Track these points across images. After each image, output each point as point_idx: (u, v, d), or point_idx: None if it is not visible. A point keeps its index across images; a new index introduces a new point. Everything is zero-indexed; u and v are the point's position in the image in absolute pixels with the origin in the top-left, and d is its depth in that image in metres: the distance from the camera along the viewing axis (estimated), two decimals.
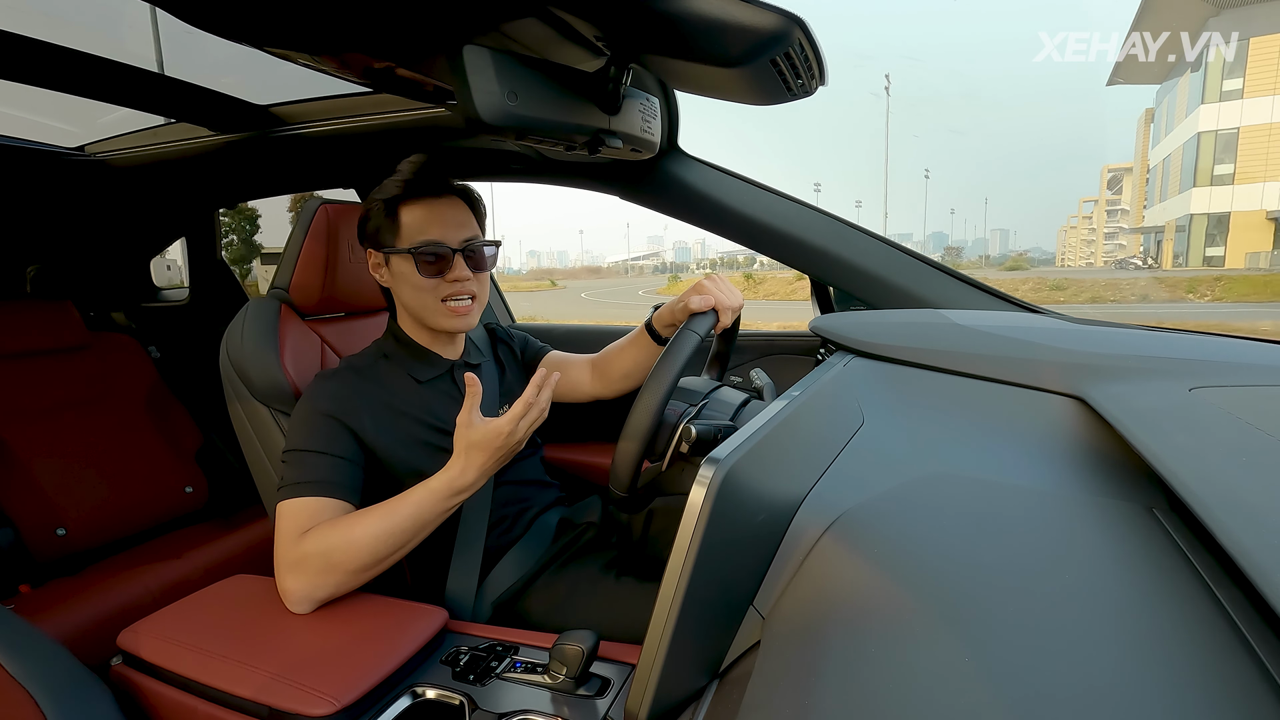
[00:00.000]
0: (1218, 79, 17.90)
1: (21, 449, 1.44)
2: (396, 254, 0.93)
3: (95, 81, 1.20)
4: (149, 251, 2.24)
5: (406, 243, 0.93)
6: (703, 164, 1.28)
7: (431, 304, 0.94)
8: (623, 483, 0.72)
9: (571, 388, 1.18)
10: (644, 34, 0.72)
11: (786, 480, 0.60)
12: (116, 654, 0.78)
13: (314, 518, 0.80)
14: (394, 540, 0.79)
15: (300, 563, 0.78)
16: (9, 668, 0.69)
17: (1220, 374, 0.75)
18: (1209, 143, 18.43)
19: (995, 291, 1.19)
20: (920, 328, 0.98)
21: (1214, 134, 18.38)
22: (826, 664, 0.42)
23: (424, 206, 0.94)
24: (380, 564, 0.79)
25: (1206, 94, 18.09)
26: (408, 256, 0.92)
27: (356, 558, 0.77)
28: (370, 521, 0.78)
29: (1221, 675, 0.35)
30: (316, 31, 0.72)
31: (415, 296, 0.94)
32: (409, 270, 0.93)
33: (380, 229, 0.94)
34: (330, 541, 0.77)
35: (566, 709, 0.63)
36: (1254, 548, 0.37)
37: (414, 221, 0.93)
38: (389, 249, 0.94)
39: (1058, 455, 0.70)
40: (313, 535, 0.78)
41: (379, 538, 0.78)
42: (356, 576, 0.79)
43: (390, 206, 0.94)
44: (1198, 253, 19.58)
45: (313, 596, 0.78)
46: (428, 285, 0.93)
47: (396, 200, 0.94)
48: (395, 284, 0.96)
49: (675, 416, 0.76)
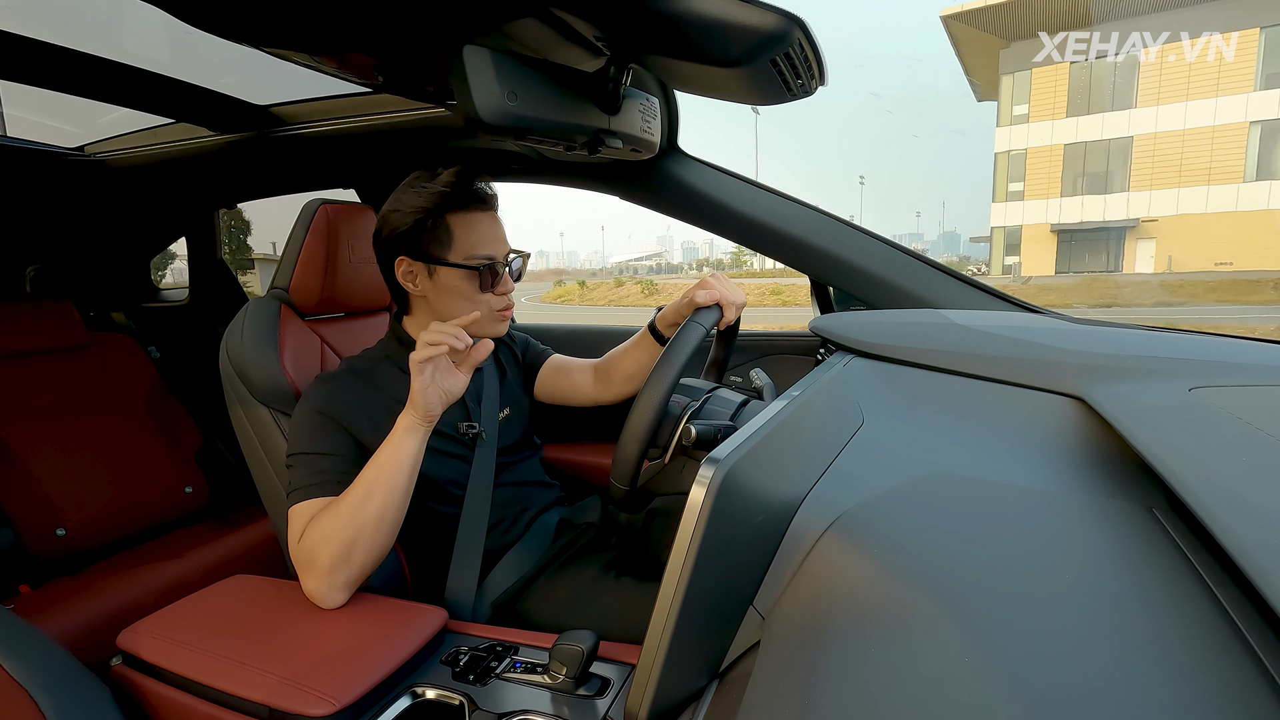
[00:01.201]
0: (1008, 105, 20.26)
1: (21, 449, 1.44)
2: (448, 266, 0.92)
3: (95, 81, 1.20)
4: (149, 251, 2.24)
5: (461, 256, 0.91)
6: (703, 164, 1.28)
7: (486, 315, 0.95)
8: (625, 475, 0.72)
9: (574, 391, 1.18)
10: (644, 34, 0.72)
11: (786, 480, 0.60)
12: (116, 654, 0.78)
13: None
14: (374, 497, 0.78)
15: (310, 559, 0.78)
16: (9, 668, 0.69)
17: (1220, 374, 0.75)
18: (1003, 163, 20.70)
19: (995, 291, 1.19)
20: (920, 328, 0.98)
21: (1006, 154, 20.65)
22: (826, 664, 0.42)
23: (473, 219, 0.92)
24: (373, 525, 0.78)
25: (1000, 118, 20.52)
26: (462, 271, 0.91)
27: (346, 528, 0.77)
28: (347, 492, 0.80)
29: (1221, 675, 0.35)
30: (316, 31, 0.72)
31: (463, 308, 0.93)
32: (463, 284, 0.92)
33: (426, 239, 0.92)
34: (323, 526, 0.78)
35: (566, 709, 0.63)
36: (1254, 548, 0.37)
37: (467, 234, 0.91)
38: (437, 260, 0.92)
39: (1058, 455, 0.70)
40: (314, 525, 0.79)
41: (355, 503, 0.78)
42: (359, 546, 0.78)
43: (436, 216, 0.91)
44: (998, 262, 22.13)
45: (334, 585, 0.79)
46: (482, 299, 0.94)
47: (442, 210, 0.91)
48: (437, 294, 0.94)
49: (679, 409, 0.77)
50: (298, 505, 0.82)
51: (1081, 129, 18.99)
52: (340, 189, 1.74)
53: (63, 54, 1.08)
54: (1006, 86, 20.12)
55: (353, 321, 1.21)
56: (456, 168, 0.94)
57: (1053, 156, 19.67)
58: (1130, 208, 19.02)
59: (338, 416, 0.87)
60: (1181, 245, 19.05)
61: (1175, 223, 18.42)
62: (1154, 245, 19.49)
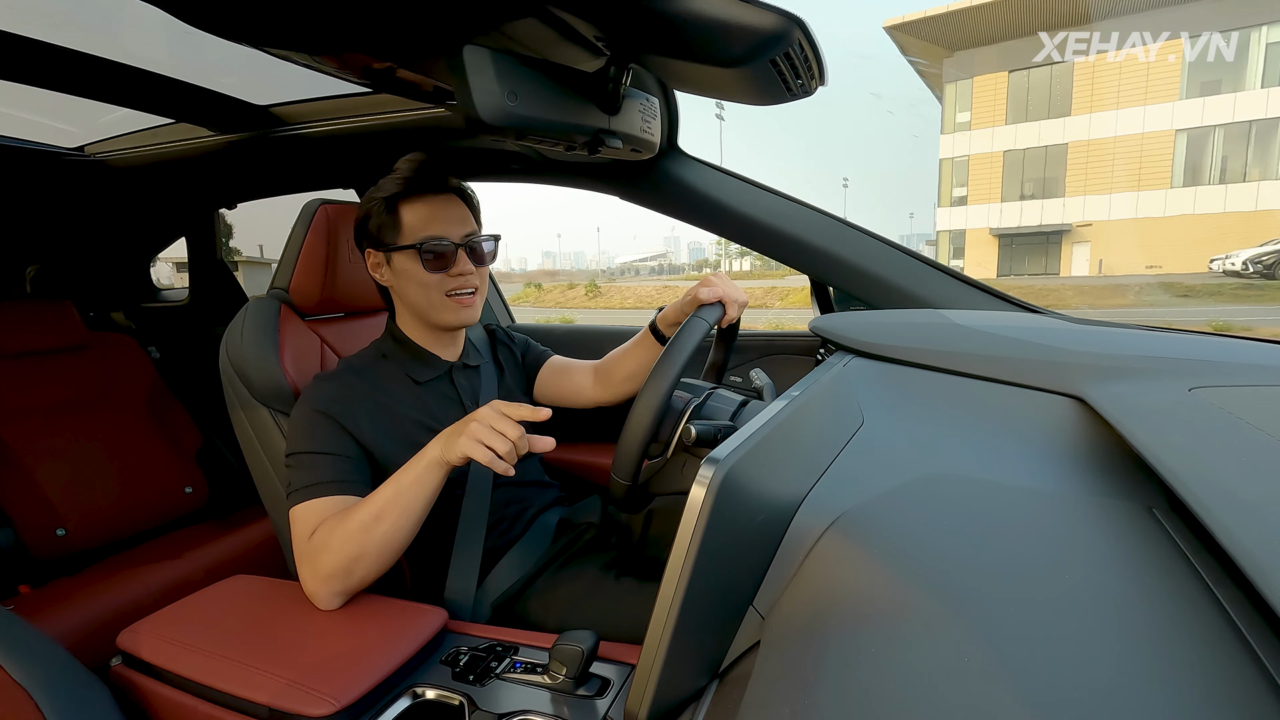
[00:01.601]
0: (951, 112, 21.07)
1: (21, 449, 1.44)
2: (399, 251, 0.93)
3: (95, 81, 1.20)
4: (149, 251, 2.24)
5: (410, 239, 0.93)
6: (703, 164, 1.28)
7: (437, 299, 0.94)
8: (627, 470, 0.72)
9: (574, 392, 1.18)
10: (644, 34, 0.72)
11: (786, 480, 0.60)
12: (116, 654, 0.78)
13: (327, 517, 0.81)
14: (386, 519, 0.77)
15: (314, 561, 0.78)
16: (9, 668, 0.69)
17: (1220, 374, 0.75)
18: (947, 168, 21.51)
19: (995, 291, 1.19)
20: (920, 328, 0.98)
21: (950, 160, 21.51)
22: (826, 664, 0.42)
23: (425, 204, 0.94)
24: (380, 546, 0.77)
25: (944, 126, 21.34)
26: (411, 253, 0.92)
27: (354, 542, 0.77)
28: (360, 506, 0.79)
29: (1221, 675, 0.35)
30: (316, 31, 0.72)
31: (420, 293, 0.94)
32: (413, 267, 0.93)
33: (382, 227, 0.94)
34: (332, 534, 0.78)
35: (566, 709, 0.63)
36: (1254, 548, 0.37)
37: (416, 219, 0.93)
38: (391, 247, 0.94)
39: (1058, 455, 0.70)
40: (319, 531, 0.79)
41: (367, 520, 0.77)
42: (362, 562, 0.77)
43: (390, 205, 0.94)
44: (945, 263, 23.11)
45: (332, 591, 0.79)
46: (432, 281, 0.93)
47: (396, 198, 0.94)
48: (398, 282, 0.96)
49: (682, 404, 0.77)
50: (299, 506, 0.82)
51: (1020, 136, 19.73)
52: (340, 189, 1.74)
53: (63, 54, 1.08)
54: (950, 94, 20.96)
55: (353, 321, 1.21)
56: (410, 156, 0.96)
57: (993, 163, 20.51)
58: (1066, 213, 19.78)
59: (337, 416, 0.87)
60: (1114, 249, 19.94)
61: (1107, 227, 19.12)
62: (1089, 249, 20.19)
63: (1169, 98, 17.35)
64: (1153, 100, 17.54)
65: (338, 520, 0.79)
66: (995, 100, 19.78)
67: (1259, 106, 16.47)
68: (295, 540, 0.81)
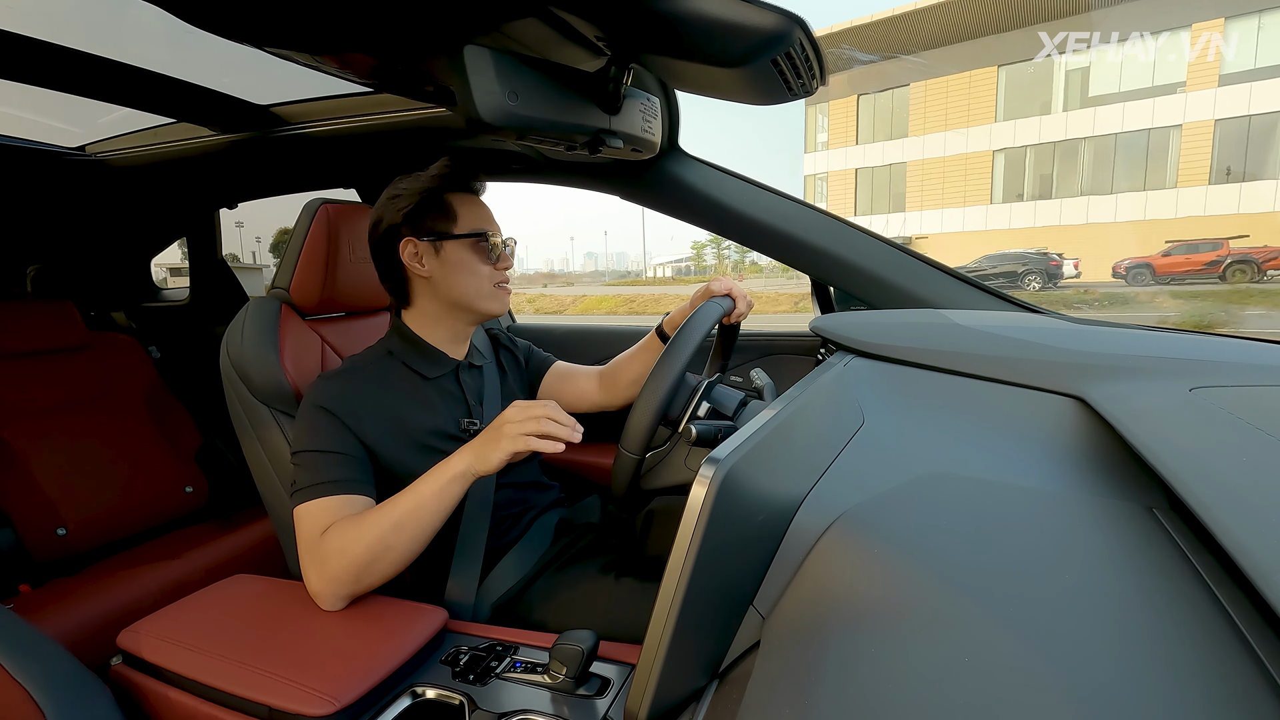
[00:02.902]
0: (813, 132, 22.88)
1: (22, 449, 1.44)
2: (454, 240, 0.94)
3: (96, 81, 1.20)
4: (150, 251, 2.24)
5: (466, 229, 0.94)
6: (703, 164, 1.28)
7: (487, 288, 0.97)
8: (637, 442, 0.72)
9: (578, 397, 1.19)
10: (645, 34, 0.72)
11: (786, 480, 0.60)
12: (116, 654, 0.78)
13: (335, 516, 0.81)
14: (404, 530, 0.78)
15: (323, 562, 0.78)
16: (9, 668, 0.69)
17: (1220, 374, 0.75)
18: (810, 185, 23.28)
19: (995, 291, 1.19)
20: (920, 328, 0.98)
21: (813, 177, 23.27)
22: (826, 664, 0.42)
23: (469, 199, 0.97)
24: (395, 555, 0.79)
25: (806, 145, 23.19)
26: (469, 242, 0.94)
27: (369, 550, 0.77)
28: (378, 513, 0.79)
29: (1221, 675, 0.35)
30: (317, 31, 0.72)
31: (471, 281, 0.96)
32: (468, 256, 0.95)
33: (431, 217, 0.95)
34: (345, 537, 0.78)
35: (566, 709, 0.63)
36: (1254, 548, 0.37)
37: (467, 211, 0.95)
38: (444, 235, 0.94)
39: (1058, 455, 0.70)
40: (331, 533, 0.79)
41: (385, 530, 0.78)
42: (373, 569, 0.79)
43: (437, 196, 0.95)
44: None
45: (338, 594, 0.79)
46: (485, 271, 0.96)
47: (442, 190, 0.95)
48: (445, 271, 0.96)
49: (695, 381, 0.77)
50: (304, 505, 0.82)
51: (868, 155, 21.69)
52: (341, 189, 1.75)
53: (63, 54, 1.08)
54: (811, 116, 22.98)
55: (353, 321, 1.21)
56: (446, 158, 0.98)
57: (847, 180, 22.32)
58: (906, 226, 21.49)
59: (342, 414, 0.87)
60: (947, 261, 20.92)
61: (939, 240, 20.47)
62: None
63: (987, 120, 19.18)
64: (974, 123, 19.44)
65: (352, 524, 0.79)
66: (848, 122, 21.82)
67: (1060, 129, 18.37)
68: (301, 539, 0.81)
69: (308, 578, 0.80)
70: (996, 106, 18.96)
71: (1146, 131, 16.90)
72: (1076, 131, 17.93)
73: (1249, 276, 12.90)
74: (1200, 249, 13.83)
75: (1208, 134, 16.19)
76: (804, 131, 23.20)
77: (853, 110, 21.42)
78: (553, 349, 1.31)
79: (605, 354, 1.59)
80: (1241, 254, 13.16)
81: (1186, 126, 16.41)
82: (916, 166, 20.67)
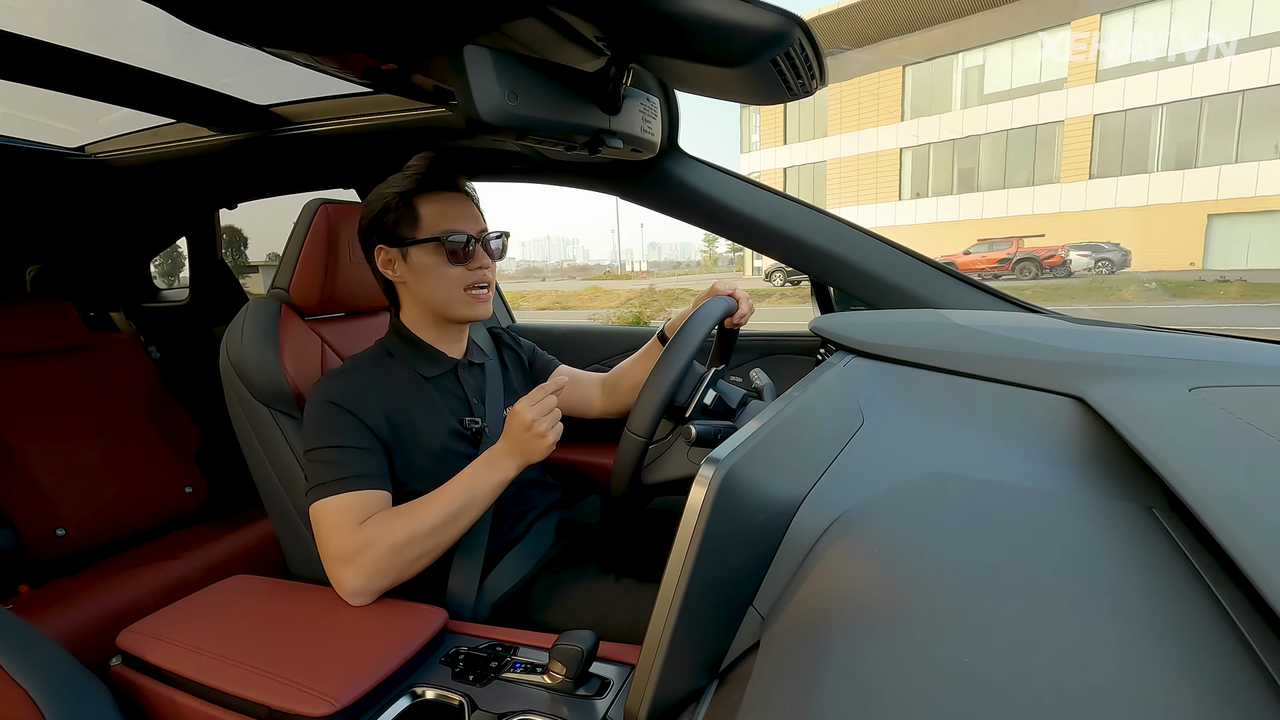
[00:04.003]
0: (747, 133, 24.01)
1: (21, 449, 1.44)
2: (418, 244, 0.93)
3: (96, 82, 1.20)
4: (149, 251, 2.24)
5: (429, 233, 0.93)
6: (703, 164, 1.28)
7: (456, 293, 0.95)
8: (644, 425, 0.72)
9: (582, 403, 1.19)
10: (644, 34, 0.72)
11: (786, 480, 0.60)
12: (116, 654, 0.78)
13: (364, 510, 0.82)
14: (458, 523, 0.84)
15: (360, 554, 0.79)
16: (8, 668, 0.69)
17: (1220, 374, 0.75)
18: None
19: (995, 291, 1.19)
20: (920, 328, 0.98)
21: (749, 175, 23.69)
22: (826, 664, 0.42)
23: (440, 200, 0.95)
24: (438, 548, 0.83)
25: (742, 146, 24.20)
26: (432, 246, 0.93)
27: (421, 543, 0.81)
28: (425, 509, 0.82)
29: (1221, 675, 0.35)
30: (316, 31, 0.72)
31: (439, 287, 0.95)
32: (433, 260, 0.94)
33: (398, 222, 0.94)
34: (396, 531, 0.80)
35: (566, 709, 0.63)
36: (1254, 548, 0.37)
37: (433, 214, 0.94)
38: (409, 241, 0.94)
39: (1057, 455, 0.70)
40: (374, 525, 0.80)
41: (435, 526, 0.82)
42: (416, 564, 0.82)
43: (407, 199, 0.94)
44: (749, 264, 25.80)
45: (370, 587, 0.80)
46: (453, 274, 0.94)
47: (412, 194, 0.94)
48: (414, 277, 0.96)
49: (702, 370, 0.78)
50: (327, 500, 0.82)
51: (793, 154, 22.80)
52: (341, 189, 1.74)
53: (63, 54, 1.08)
54: (745, 117, 23.93)
55: (353, 321, 1.21)
56: (422, 155, 0.97)
57: (777, 179, 22.90)
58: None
59: (352, 409, 0.87)
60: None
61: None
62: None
63: (894, 119, 19.97)
64: (883, 122, 20.29)
65: (398, 517, 0.81)
66: (776, 123, 22.91)
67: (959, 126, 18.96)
68: (328, 535, 0.81)
69: (338, 573, 0.80)
70: (903, 105, 19.73)
71: (1034, 128, 17.60)
72: (973, 129, 18.68)
73: (1032, 274, 14.40)
74: (997, 247, 15.20)
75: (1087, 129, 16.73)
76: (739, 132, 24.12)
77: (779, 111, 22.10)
78: (553, 349, 1.31)
79: (605, 354, 1.59)
80: (1027, 252, 14.73)
81: (1068, 122, 16.94)
82: (835, 165, 21.58)
